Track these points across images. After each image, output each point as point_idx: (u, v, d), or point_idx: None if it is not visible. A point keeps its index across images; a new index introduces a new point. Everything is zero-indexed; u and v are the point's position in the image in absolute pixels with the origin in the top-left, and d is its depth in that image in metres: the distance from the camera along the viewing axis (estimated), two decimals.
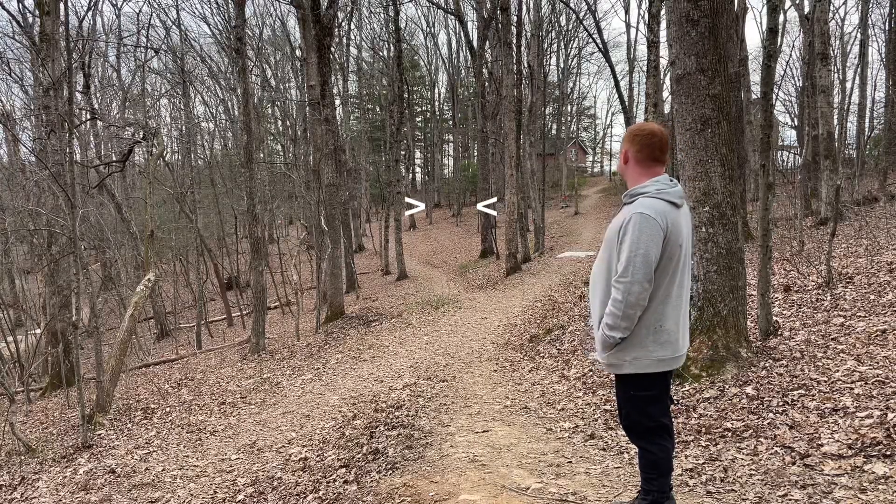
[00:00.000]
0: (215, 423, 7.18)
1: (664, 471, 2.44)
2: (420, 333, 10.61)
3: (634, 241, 2.23)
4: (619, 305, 2.25)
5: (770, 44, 5.55)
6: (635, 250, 2.22)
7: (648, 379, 2.37)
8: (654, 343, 2.32)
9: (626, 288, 2.22)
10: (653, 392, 2.39)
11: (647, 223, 2.23)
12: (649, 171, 2.41)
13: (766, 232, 5.18)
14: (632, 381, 2.39)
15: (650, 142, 2.39)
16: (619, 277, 2.25)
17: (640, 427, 2.44)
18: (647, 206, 2.28)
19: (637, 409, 2.42)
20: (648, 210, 2.26)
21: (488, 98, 24.31)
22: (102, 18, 53.56)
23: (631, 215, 2.27)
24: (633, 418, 2.45)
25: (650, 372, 2.34)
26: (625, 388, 2.44)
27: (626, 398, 2.45)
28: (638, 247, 2.22)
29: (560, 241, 22.63)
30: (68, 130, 8.74)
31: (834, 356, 4.34)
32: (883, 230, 9.40)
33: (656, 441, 2.42)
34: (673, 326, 2.34)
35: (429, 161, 47.66)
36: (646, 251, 2.22)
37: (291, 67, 33.30)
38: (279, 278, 21.69)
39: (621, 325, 2.27)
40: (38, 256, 13.11)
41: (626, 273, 2.23)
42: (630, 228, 2.25)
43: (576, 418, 4.69)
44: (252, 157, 12.76)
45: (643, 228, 2.23)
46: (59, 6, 10.91)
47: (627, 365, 2.35)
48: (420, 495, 3.29)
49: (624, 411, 2.49)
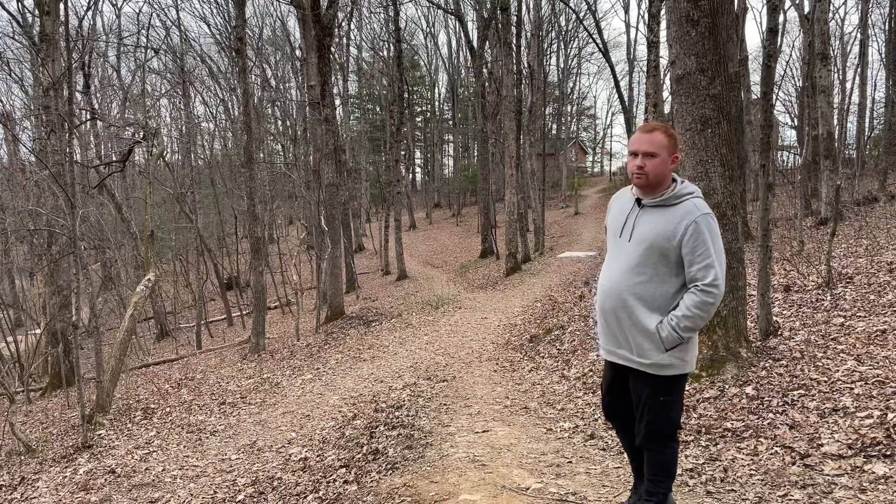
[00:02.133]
0: (215, 423, 7.19)
1: (672, 473, 2.46)
2: (420, 333, 10.61)
3: (714, 244, 2.25)
4: (709, 309, 2.24)
5: (770, 44, 5.56)
6: (717, 253, 2.25)
7: (681, 382, 2.40)
8: (696, 343, 2.39)
9: (718, 292, 2.23)
10: (676, 396, 2.41)
11: (716, 225, 2.28)
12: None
13: (766, 232, 5.18)
14: (671, 383, 2.37)
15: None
16: (712, 282, 2.23)
17: (661, 432, 2.40)
18: (706, 207, 2.30)
19: (663, 414, 2.39)
20: (710, 211, 2.30)
21: (488, 98, 24.31)
22: (102, 18, 53.67)
23: (697, 217, 2.26)
24: (659, 424, 2.39)
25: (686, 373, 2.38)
26: (658, 391, 2.38)
27: (656, 403, 2.38)
28: (719, 249, 2.25)
29: (560, 241, 22.63)
30: (68, 130, 8.74)
31: (834, 356, 4.34)
32: (883, 230, 9.39)
33: (670, 444, 2.43)
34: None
35: (429, 161, 47.65)
36: (722, 251, 2.26)
37: (291, 67, 33.30)
38: (279, 278, 21.69)
39: (700, 328, 2.30)
40: (38, 256, 13.11)
41: (718, 277, 2.23)
42: (706, 231, 2.24)
43: (576, 418, 4.69)
44: (252, 157, 12.76)
45: (715, 230, 2.27)
46: (59, 6, 10.90)
47: (686, 365, 2.36)
48: (420, 495, 3.29)
49: (650, 417, 2.40)
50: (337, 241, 14.00)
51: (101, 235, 16.42)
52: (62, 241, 10.76)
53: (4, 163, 21.32)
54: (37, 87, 13.22)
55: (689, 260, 2.27)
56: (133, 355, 13.60)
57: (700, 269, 2.24)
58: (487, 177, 23.67)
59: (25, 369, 11.18)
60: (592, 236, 21.93)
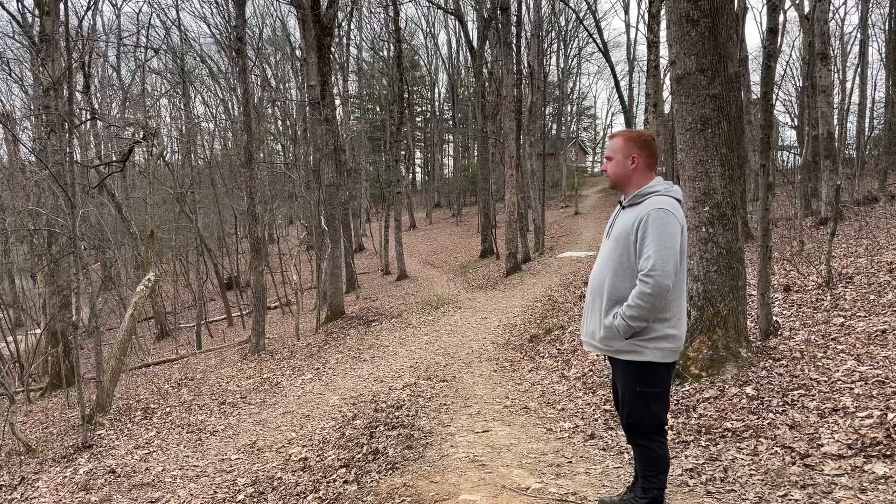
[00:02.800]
0: (215, 423, 7.19)
1: (664, 468, 2.50)
2: (420, 333, 10.61)
3: (661, 236, 2.32)
4: (647, 298, 2.32)
5: (770, 44, 5.56)
6: (663, 244, 2.31)
7: (658, 374, 2.44)
8: (670, 331, 2.41)
9: (656, 281, 2.30)
10: (659, 389, 2.46)
11: (669, 218, 2.34)
12: (651, 175, 2.54)
13: (766, 232, 5.19)
14: (643, 373, 2.43)
15: (655, 149, 2.53)
16: (648, 271, 2.31)
17: (642, 425, 2.48)
18: (664, 203, 2.39)
19: (643, 406, 2.46)
20: (668, 206, 2.37)
21: (488, 98, 24.30)
22: (102, 18, 53.58)
23: (649, 212, 2.36)
24: (639, 416, 2.48)
25: (660, 362, 2.42)
26: (633, 380, 2.47)
27: (633, 394, 2.47)
28: (665, 240, 2.31)
29: (560, 241, 22.62)
30: (68, 130, 8.75)
31: (834, 356, 4.34)
32: (883, 230, 9.39)
33: (656, 439, 2.48)
34: (680, 318, 2.45)
35: (429, 161, 47.64)
36: (671, 244, 2.32)
37: (291, 67, 33.32)
38: (279, 278, 21.68)
39: (647, 317, 2.35)
40: (38, 256, 13.11)
41: (656, 267, 2.30)
42: (652, 224, 2.34)
43: (576, 418, 4.69)
44: (252, 157, 12.76)
45: (668, 223, 2.34)
46: (59, 6, 10.90)
47: (649, 352, 2.41)
48: (420, 495, 3.29)
49: (628, 409, 2.51)
50: (337, 240, 13.99)
51: (101, 235, 16.41)
52: (62, 241, 10.76)
53: (4, 163, 21.32)
54: (37, 87, 13.21)
55: (638, 252, 2.38)
56: (133, 355, 13.60)
57: (643, 259, 2.35)
58: (487, 177, 23.66)
59: (25, 369, 11.19)
60: (592, 236, 21.92)
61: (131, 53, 24.44)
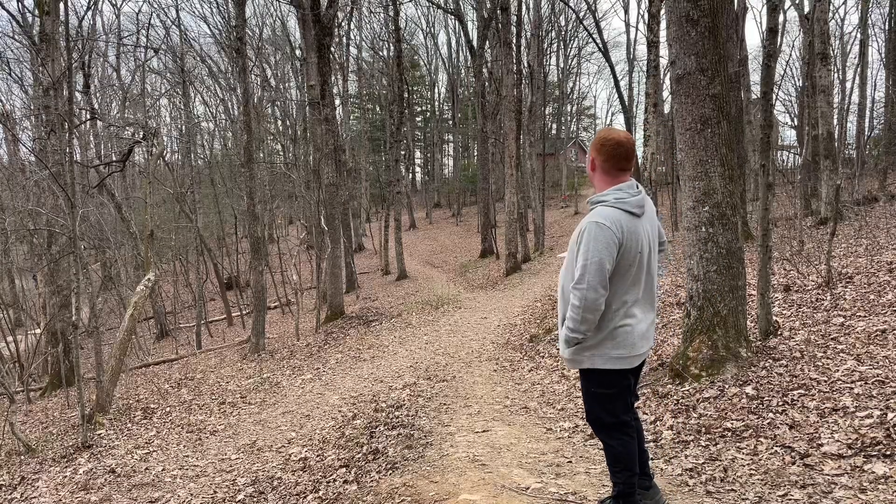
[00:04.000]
0: (215, 423, 7.19)
1: (627, 464, 2.53)
2: (420, 333, 10.61)
3: (589, 250, 2.32)
4: (576, 310, 2.36)
5: (770, 44, 5.56)
6: (590, 258, 2.32)
7: (608, 377, 2.48)
8: (610, 343, 2.43)
9: (583, 294, 2.32)
10: (612, 391, 2.51)
11: (602, 232, 2.32)
12: (615, 180, 2.48)
13: (766, 232, 5.18)
14: (593, 377, 2.50)
15: (616, 152, 2.45)
16: (575, 284, 2.35)
17: (601, 422, 2.55)
18: (602, 215, 2.37)
19: (599, 406, 2.54)
20: (603, 219, 2.35)
21: (488, 98, 24.30)
22: (102, 18, 53.67)
23: (587, 224, 2.37)
24: (595, 414, 2.56)
25: (608, 369, 2.45)
26: (587, 383, 2.55)
27: (588, 394, 2.57)
28: (592, 255, 2.31)
29: (560, 241, 22.62)
30: (68, 130, 8.75)
31: (834, 356, 4.34)
32: (883, 230, 9.39)
33: (616, 436, 2.53)
34: (632, 329, 2.44)
35: (429, 161, 47.64)
36: (599, 259, 2.31)
37: (291, 67, 33.29)
38: (279, 278, 21.69)
39: (580, 329, 2.38)
40: (38, 256, 13.10)
41: (582, 280, 2.33)
42: (585, 237, 2.35)
43: (576, 418, 4.69)
44: (252, 157, 12.76)
45: (597, 237, 2.32)
46: (59, 6, 10.90)
47: (586, 361, 2.47)
48: (420, 495, 3.29)
49: (587, 406, 2.60)
50: (337, 240, 13.99)
51: (101, 235, 16.40)
52: (62, 240, 10.76)
53: (4, 163, 21.30)
54: (37, 87, 13.22)
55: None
56: (133, 355, 13.60)
57: (575, 270, 2.38)
58: (487, 177, 23.66)
59: (25, 369, 11.19)
60: None
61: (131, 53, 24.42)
